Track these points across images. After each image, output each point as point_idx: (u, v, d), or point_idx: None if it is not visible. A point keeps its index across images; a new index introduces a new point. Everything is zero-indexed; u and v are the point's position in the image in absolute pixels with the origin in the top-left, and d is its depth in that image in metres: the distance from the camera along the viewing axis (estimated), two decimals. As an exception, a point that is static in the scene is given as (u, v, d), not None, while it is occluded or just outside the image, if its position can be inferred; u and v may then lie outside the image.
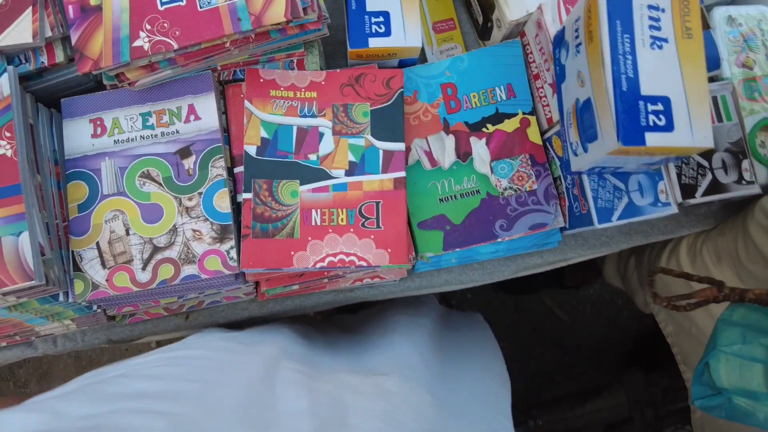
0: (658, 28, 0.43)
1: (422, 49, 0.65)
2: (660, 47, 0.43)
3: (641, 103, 0.42)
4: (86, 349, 0.62)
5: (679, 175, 0.52)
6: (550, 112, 0.58)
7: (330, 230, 0.54)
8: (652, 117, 0.41)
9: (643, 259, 0.83)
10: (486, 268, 0.63)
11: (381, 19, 0.56)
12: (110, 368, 0.38)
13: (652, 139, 0.41)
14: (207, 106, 0.55)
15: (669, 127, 0.42)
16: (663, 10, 0.43)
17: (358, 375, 0.46)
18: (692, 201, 0.52)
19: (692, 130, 0.42)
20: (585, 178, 0.52)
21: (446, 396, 0.50)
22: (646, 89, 0.42)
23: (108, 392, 0.33)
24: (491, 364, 0.68)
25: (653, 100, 0.42)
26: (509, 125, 0.59)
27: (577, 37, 0.47)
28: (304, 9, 0.51)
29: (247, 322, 0.63)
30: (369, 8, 0.56)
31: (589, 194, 0.52)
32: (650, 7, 0.43)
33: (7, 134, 0.50)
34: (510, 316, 1.29)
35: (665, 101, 0.42)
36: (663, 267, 0.51)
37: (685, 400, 0.95)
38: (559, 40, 0.52)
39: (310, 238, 0.54)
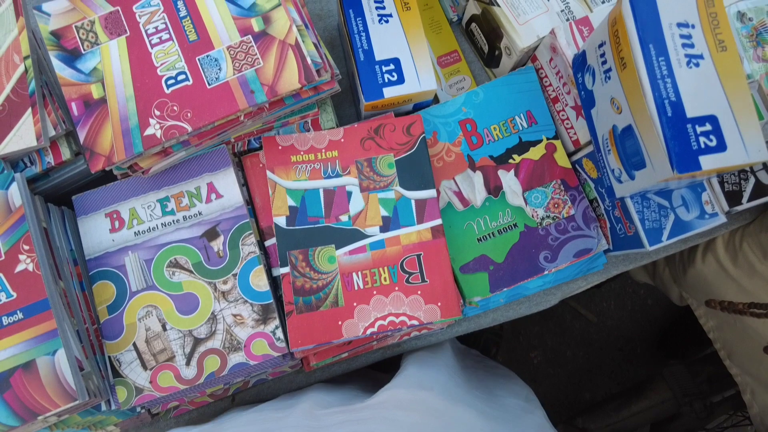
0: (692, 45, 0.42)
1: (431, 86, 0.64)
2: (697, 65, 0.41)
3: (689, 126, 0.40)
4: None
5: (721, 183, 0.51)
6: (575, 134, 0.56)
7: (375, 292, 0.52)
8: (702, 139, 0.40)
9: (674, 256, 0.82)
10: (532, 300, 0.61)
11: (392, 66, 0.54)
12: None
13: (707, 162, 0.40)
14: (227, 182, 0.53)
15: (721, 146, 0.40)
16: (693, 26, 0.42)
17: (404, 389, 0.47)
18: (739, 208, 0.51)
19: (745, 146, 0.40)
20: (628, 200, 0.50)
21: (487, 407, 0.50)
22: (691, 111, 0.40)
23: None
24: (509, 373, 0.69)
25: (700, 121, 0.40)
26: (535, 153, 0.58)
27: (604, 62, 0.46)
28: (318, 71, 0.49)
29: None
30: (378, 57, 0.54)
31: (635, 217, 0.50)
32: (680, 25, 0.42)
33: (26, 247, 0.48)
34: (537, 325, 1.28)
35: (713, 120, 0.41)
36: (730, 302, 0.49)
37: (733, 387, 0.94)
38: (581, 65, 0.50)
39: (355, 304, 0.51)
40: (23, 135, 0.50)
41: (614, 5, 0.53)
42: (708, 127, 0.40)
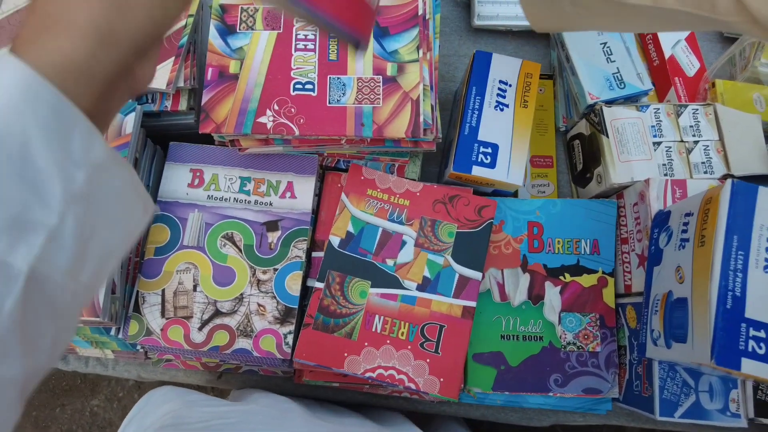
0: (774, 253, 0.43)
1: (515, 178, 0.66)
2: (772, 272, 0.42)
3: (744, 325, 0.41)
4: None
5: (755, 389, 0.51)
6: (630, 279, 0.57)
7: (388, 341, 0.54)
8: (752, 343, 0.40)
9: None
10: (527, 413, 0.61)
11: (489, 150, 0.57)
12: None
13: (749, 366, 0.40)
14: (305, 188, 0.57)
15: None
16: (782, 237, 0.43)
17: None
18: (765, 420, 0.50)
19: (790, 367, 0.41)
20: (656, 364, 0.51)
21: None
22: (752, 313, 0.41)
23: None
24: None
25: (757, 325, 0.41)
26: (587, 280, 0.59)
27: (684, 231, 0.47)
28: (425, 130, 0.52)
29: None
30: (480, 137, 0.57)
31: (656, 382, 0.50)
32: (770, 229, 0.43)
33: (118, 170, 0.52)
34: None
35: (768, 329, 0.41)
36: None
37: None
38: (661, 222, 0.52)
39: (366, 344, 0.53)
40: (158, 77, 0.56)
41: (715, 184, 0.55)
42: (762, 334, 0.41)
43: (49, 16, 0.24)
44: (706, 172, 0.58)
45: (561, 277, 0.59)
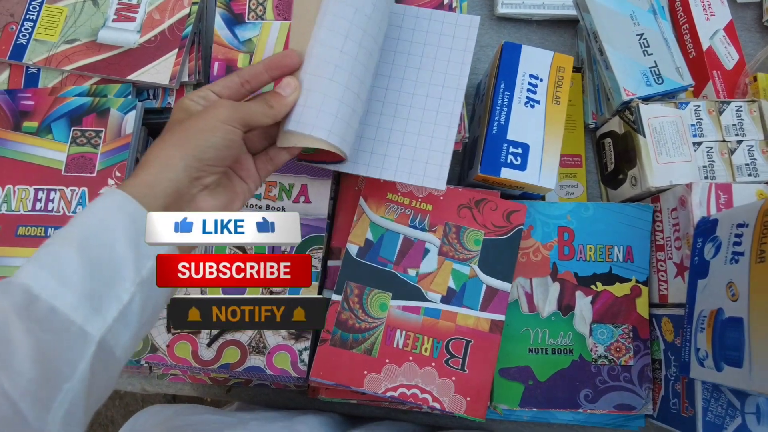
0: (840, 271, 0.39)
1: (542, 179, 0.62)
2: (838, 293, 0.39)
3: (808, 352, 0.37)
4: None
5: (803, 410, 0.47)
6: (666, 289, 0.54)
7: (410, 357, 0.50)
8: (816, 371, 0.37)
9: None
10: (552, 428, 0.58)
11: (519, 150, 0.53)
12: None
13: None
14: (320, 192, 0.53)
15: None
16: None
17: None
18: (812, 444, 0.47)
19: None
20: (697, 383, 0.47)
21: None
22: (815, 337, 0.38)
23: None
24: None
25: (821, 351, 0.37)
26: (619, 290, 0.55)
27: (737, 244, 0.43)
28: (452, 130, 0.48)
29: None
30: (510, 136, 0.53)
31: (699, 404, 0.47)
32: (836, 245, 0.39)
33: (118, 174, 0.48)
34: None
35: (834, 356, 0.38)
36: None
37: None
38: (706, 231, 0.48)
39: (387, 361, 0.50)
40: (160, 70, 0.51)
41: (763, 189, 0.51)
42: (826, 361, 0.37)
43: (143, 162, 0.34)
44: (750, 175, 0.54)
45: (592, 286, 0.55)
